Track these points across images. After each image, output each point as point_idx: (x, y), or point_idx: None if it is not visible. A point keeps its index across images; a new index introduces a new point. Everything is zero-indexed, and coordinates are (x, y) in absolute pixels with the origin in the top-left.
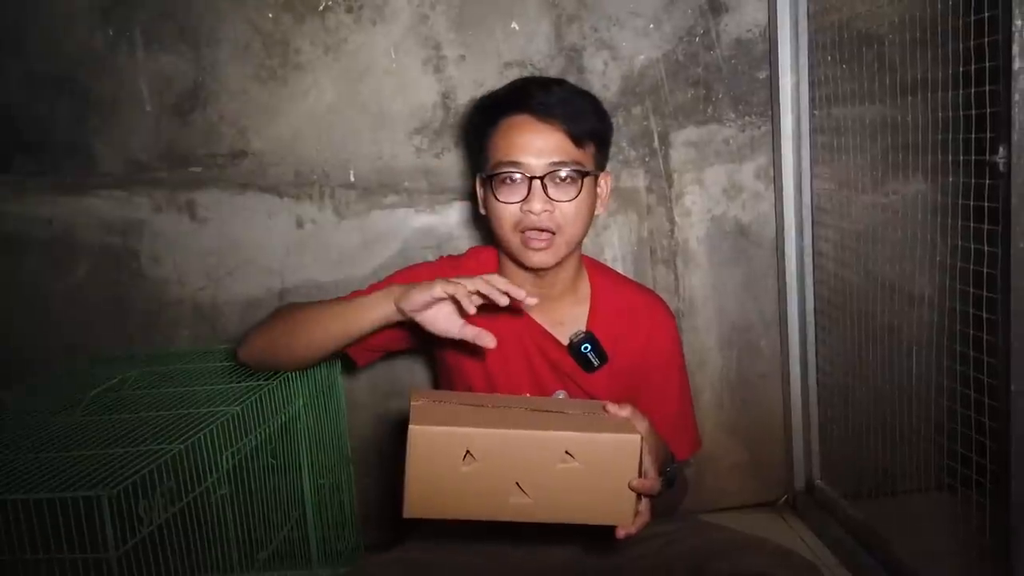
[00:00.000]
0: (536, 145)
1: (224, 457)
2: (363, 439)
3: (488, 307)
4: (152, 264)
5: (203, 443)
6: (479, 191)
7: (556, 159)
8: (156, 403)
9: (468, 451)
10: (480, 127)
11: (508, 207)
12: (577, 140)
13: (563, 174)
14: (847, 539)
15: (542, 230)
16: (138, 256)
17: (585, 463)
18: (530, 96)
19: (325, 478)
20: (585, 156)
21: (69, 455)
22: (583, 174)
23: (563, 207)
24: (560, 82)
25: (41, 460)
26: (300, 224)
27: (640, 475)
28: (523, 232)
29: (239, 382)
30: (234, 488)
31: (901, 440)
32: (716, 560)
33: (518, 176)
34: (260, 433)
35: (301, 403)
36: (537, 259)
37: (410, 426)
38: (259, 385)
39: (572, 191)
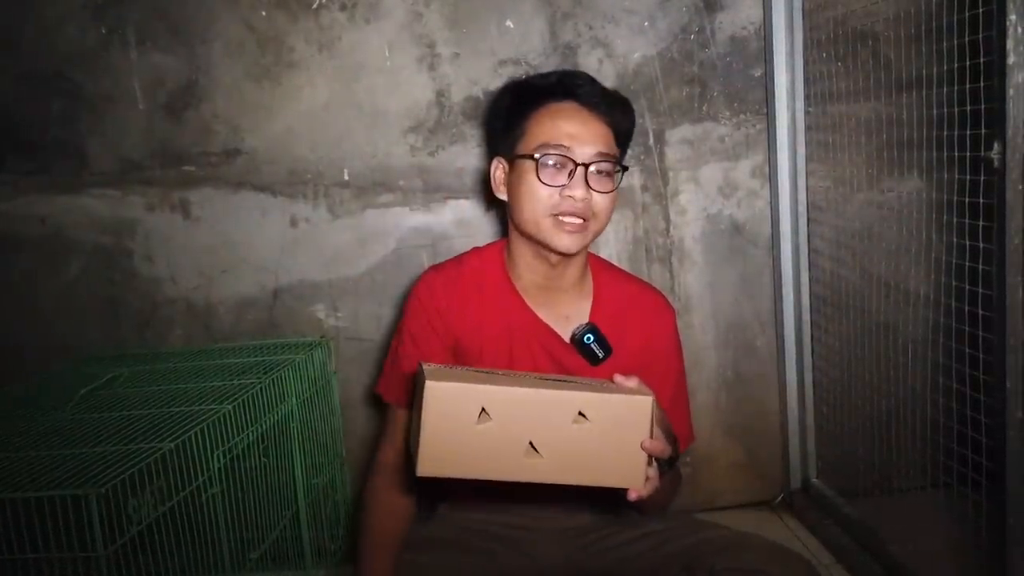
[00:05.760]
0: (585, 133)
1: (216, 456)
2: (357, 438)
3: (494, 307)
4: (145, 263)
5: (194, 441)
6: (499, 173)
7: (602, 149)
8: (147, 401)
9: (483, 409)
10: (515, 109)
11: (547, 189)
12: (616, 136)
13: (605, 166)
14: (843, 537)
15: (576, 216)
16: (131, 255)
17: (598, 423)
18: (576, 85)
19: (319, 477)
20: (619, 152)
21: (58, 453)
22: (622, 168)
23: (598, 198)
24: (594, 80)
25: (30, 459)
26: (294, 223)
27: (651, 437)
28: (556, 216)
29: (231, 380)
30: (226, 487)
31: (897, 438)
32: (712, 558)
33: (559, 161)
34: (253, 431)
35: (295, 401)
36: (567, 241)
37: (426, 382)
38: (252, 383)
39: (609, 184)
